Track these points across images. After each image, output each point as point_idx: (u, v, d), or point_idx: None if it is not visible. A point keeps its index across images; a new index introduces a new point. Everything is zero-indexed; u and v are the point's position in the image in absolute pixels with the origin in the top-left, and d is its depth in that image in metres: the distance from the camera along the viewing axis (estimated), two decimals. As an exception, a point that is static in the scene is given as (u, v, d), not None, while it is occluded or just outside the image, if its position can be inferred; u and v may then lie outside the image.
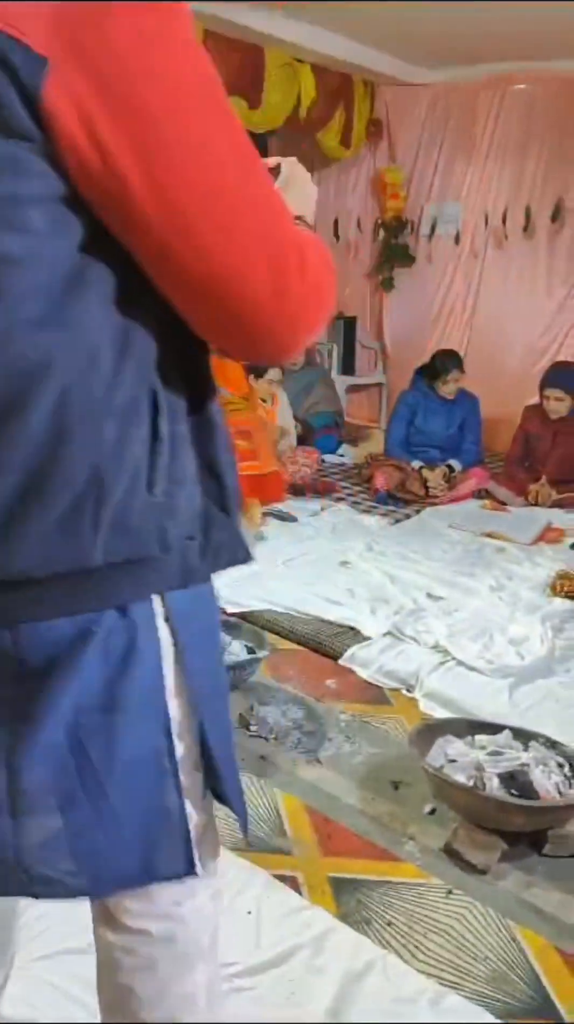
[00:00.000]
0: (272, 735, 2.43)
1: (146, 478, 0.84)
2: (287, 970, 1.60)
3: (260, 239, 0.77)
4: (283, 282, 0.78)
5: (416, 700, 2.70)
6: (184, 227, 0.73)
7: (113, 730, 0.87)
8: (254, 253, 0.76)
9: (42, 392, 0.76)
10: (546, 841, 2.00)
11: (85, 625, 0.84)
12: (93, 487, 0.80)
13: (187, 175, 0.72)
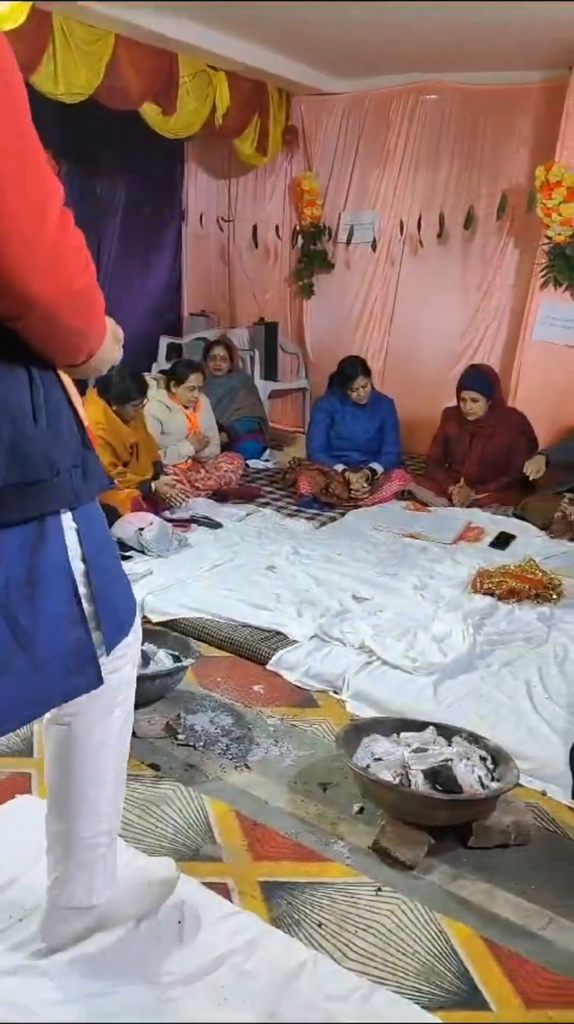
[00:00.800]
0: (200, 743, 2.42)
1: (31, 414, 1.16)
2: (219, 976, 1.60)
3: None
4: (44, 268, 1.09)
5: (343, 701, 2.73)
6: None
7: (36, 599, 1.24)
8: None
9: None
10: (471, 834, 2.04)
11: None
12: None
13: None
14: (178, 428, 4.81)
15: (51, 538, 1.25)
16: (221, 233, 6.97)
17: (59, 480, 1.22)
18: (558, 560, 4.06)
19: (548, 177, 4.85)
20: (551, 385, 5.18)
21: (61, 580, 1.28)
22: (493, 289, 5.74)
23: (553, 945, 1.78)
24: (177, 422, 4.81)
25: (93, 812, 1.53)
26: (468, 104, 5.67)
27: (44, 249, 1.07)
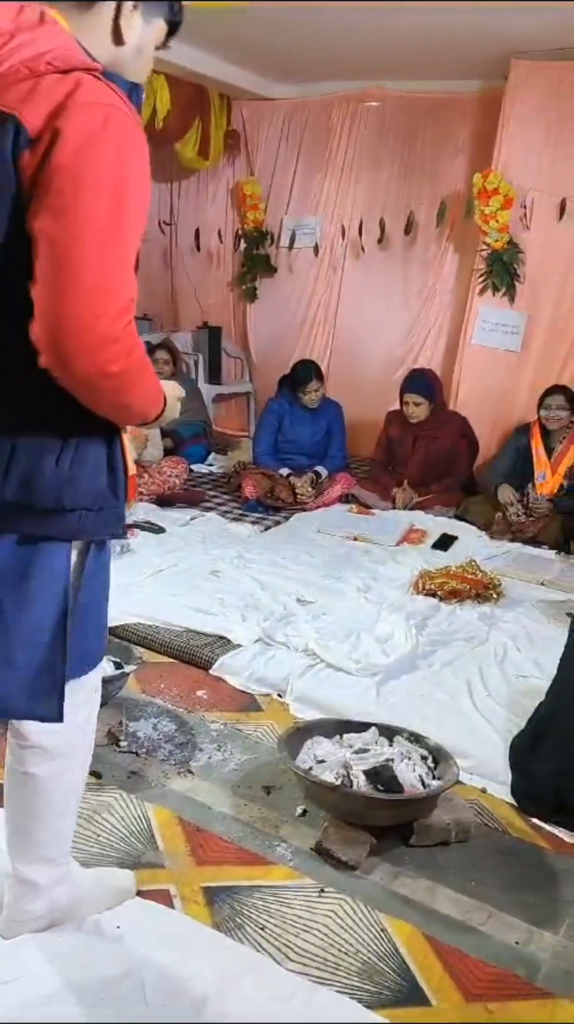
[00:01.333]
0: (143, 750, 2.41)
1: (56, 457, 1.31)
2: (159, 982, 1.58)
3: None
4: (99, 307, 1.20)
5: (287, 704, 2.74)
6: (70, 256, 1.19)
7: (24, 604, 1.36)
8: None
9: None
10: (413, 832, 2.07)
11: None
12: (5, 453, 1.29)
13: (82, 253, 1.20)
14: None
15: (51, 558, 1.38)
16: (163, 236, 6.95)
17: (66, 516, 1.36)
18: (498, 560, 4.14)
19: (485, 184, 4.94)
20: (490, 389, 5.27)
21: (52, 598, 1.39)
22: (433, 294, 5.82)
23: (492, 939, 1.81)
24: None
25: (56, 840, 1.64)
26: (408, 111, 5.75)
27: (97, 330, 1.19)
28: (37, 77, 1.19)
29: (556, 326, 5.05)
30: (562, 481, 4.67)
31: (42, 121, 1.17)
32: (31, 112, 1.17)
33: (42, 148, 1.17)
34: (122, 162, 1.21)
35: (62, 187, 1.16)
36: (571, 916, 1.90)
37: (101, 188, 1.18)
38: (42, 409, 1.30)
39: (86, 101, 1.18)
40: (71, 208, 1.17)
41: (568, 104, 4.83)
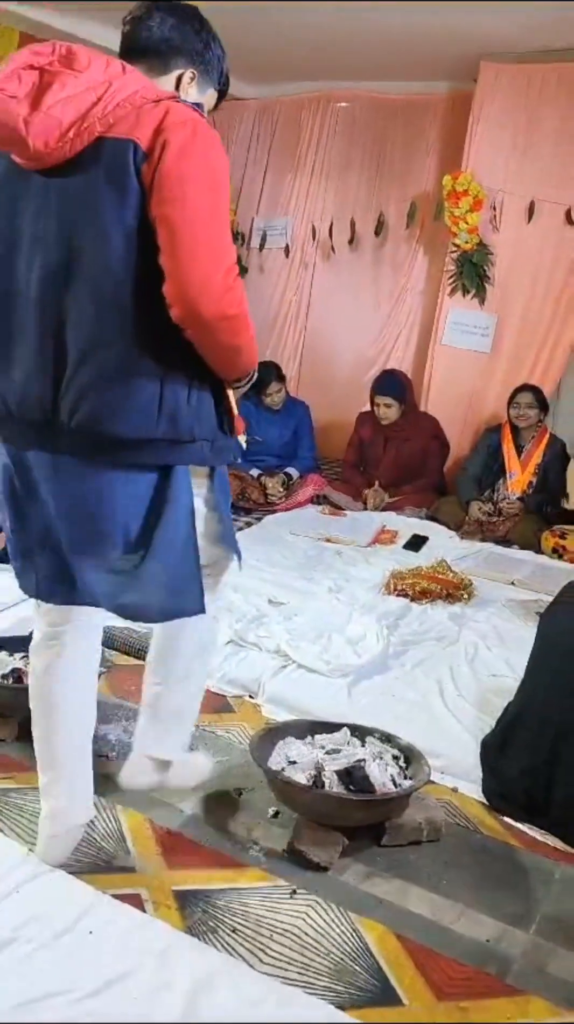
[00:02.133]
0: (114, 753, 2.38)
1: (185, 393, 1.66)
2: (131, 987, 1.57)
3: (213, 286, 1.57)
4: (219, 290, 1.57)
5: (259, 706, 2.73)
6: (189, 266, 1.56)
7: (164, 527, 1.71)
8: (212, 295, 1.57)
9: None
10: (384, 832, 2.07)
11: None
12: (165, 404, 1.64)
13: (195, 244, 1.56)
14: None
15: (181, 483, 1.73)
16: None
17: (195, 445, 1.72)
18: (469, 561, 4.17)
19: (455, 186, 4.97)
20: (461, 389, 5.31)
21: (185, 517, 1.75)
22: (404, 295, 5.85)
23: (464, 938, 1.82)
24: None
25: (184, 687, 2.05)
26: (378, 112, 5.77)
27: (216, 282, 1.56)
28: (137, 108, 1.58)
29: (525, 327, 5.09)
30: (531, 479, 4.71)
31: (150, 139, 1.56)
32: (141, 135, 1.56)
33: (155, 159, 1.55)
34: (211, 159, 1.61)
35: (173, 184, 1.55)
36: (542, 914, 1.91)
37: (201, 181, 1.57)
38: (176, 359, 1.65)
39: (178, 120, 1.58)
40: (181, 199, 1.55)
41: (536, 106, 4.87)
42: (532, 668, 2.32)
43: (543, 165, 4.90)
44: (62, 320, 1.62)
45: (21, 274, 1.65)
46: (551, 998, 1.66)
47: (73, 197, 1.59)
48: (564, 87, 4.78)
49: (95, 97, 1.56)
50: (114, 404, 1.62)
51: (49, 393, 1.64)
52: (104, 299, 1.60)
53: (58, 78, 1.57)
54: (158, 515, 1.71)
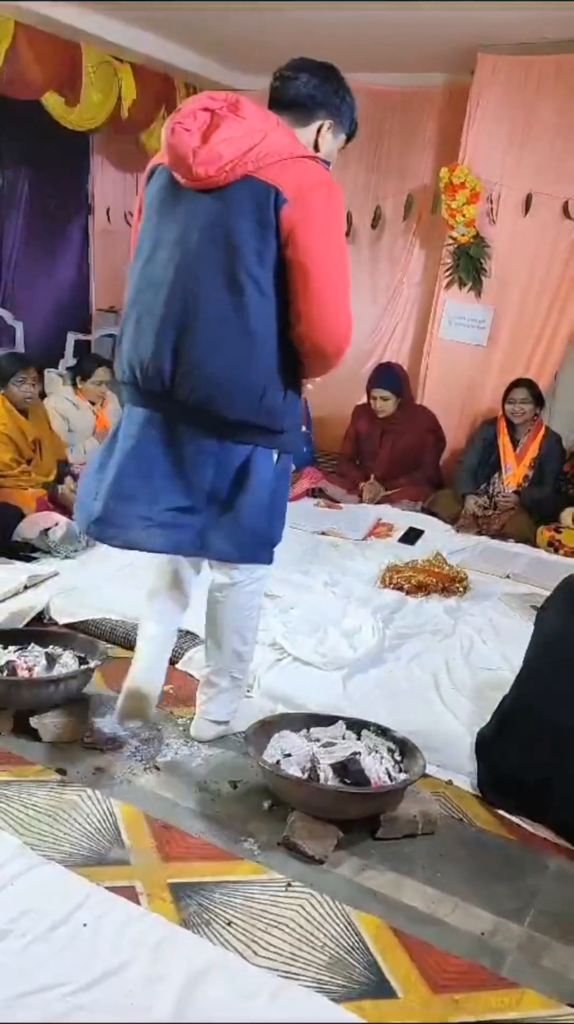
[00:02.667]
0: (108, 746, 2.38)
1: (282, 393, 2.07)
2: (126, 980, 1.57)
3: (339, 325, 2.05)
4: (338, 328, 2.05)
5: (254, 699, 2.73)
6: (320, 306, 2.01)
7: (246, 492, 2.11)
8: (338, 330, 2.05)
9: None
10: (379, 825, 2.07)
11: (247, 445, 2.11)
12: (265, 399, 2.03)
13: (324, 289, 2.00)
14: (85, 426, 4.71)
15: (266, 461, 2.14)
16: (129, 228, 6.85)
17: (283, 434, 2.14)
18: (465, 554, 4.17)
19: (451, 179, 4.95)
20: (458, 383, 5.30)
21: (264, 487, 2.14)
22: (401, 288, 5.83)
23: (459, 931, 1.82)
24: (85, 420, 4.71)
25: (234, 658, 2.37)
26: (375, 104, 5.73)
27: (340, 327, 2.05)
28: (283, 160, 1.95)
29: (522, 320, 5.08)
30: (526, 472, 4.71)
31: (291, 189, 1.93)
32: (285, 183, 1.93)
33: (294, 209, 1.93)
34: (337, 216, 2.05)
35: (308, 238, 1.95)
36: (536, 907, 1.91)
37: (329, 234, 2.00)
38: (279, 365, 2.06)
39: (315, 179, 1.98)
40: (313, 248, 1.96)
41: (534, 98, 4.85)
42: (529, 662, 2.32)
43: (540, 158, 4.88)
44: (189, 314, 1.99)
45: (160, 268, 2.03)
46: (545, 991, 1.67)
47: (217, 217, 1.97)
48: (562, 79, 4.76)
49: (252, 143, 1.93)
50: (227, 392, 2.01)
51: (170, 372, 2.02)
52: (228, 306, 1.97)
53: (225, 121, 1.96)
54: (242, 483, 2.11)
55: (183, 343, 1.99)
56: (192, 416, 2.04)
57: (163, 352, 2.01)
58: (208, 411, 2.02)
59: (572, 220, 4.82)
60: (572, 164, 4.80)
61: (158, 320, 2.01)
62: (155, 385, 2.04)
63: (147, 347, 2.03)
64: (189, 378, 2.00)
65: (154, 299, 2.03)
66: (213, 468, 2.09)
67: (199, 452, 2.08)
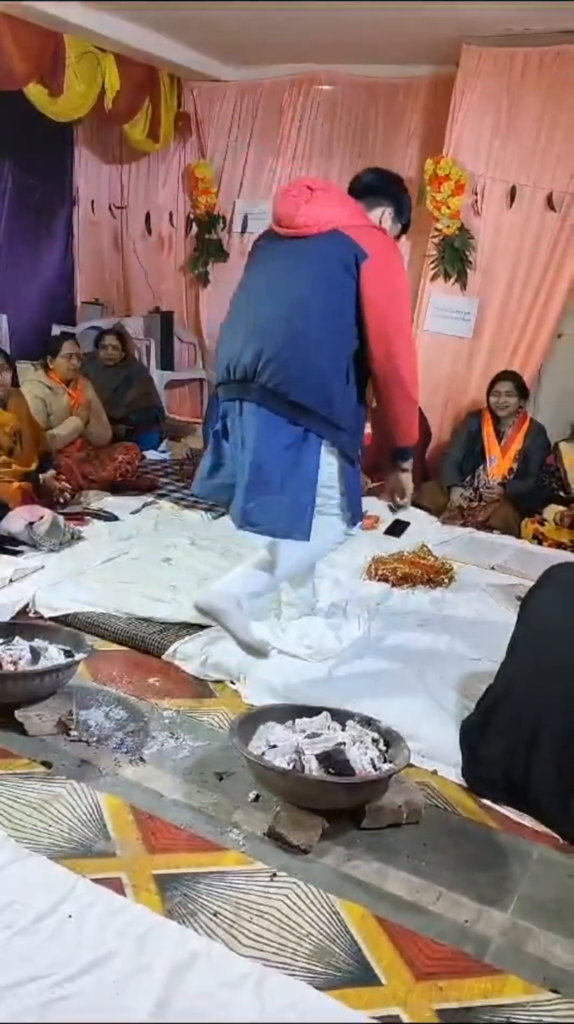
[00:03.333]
0: (94, 738, 2.38)
1: (341, 392, 2.55)
2: (110, 971, 1.58)
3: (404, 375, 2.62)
4: (409, 373, 2.63)
5: (240, 691, 2.73)
6: (387, 348, 2.56)
7: (298, 469, 2.54)
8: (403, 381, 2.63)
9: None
10: (364, 815, 2.08)
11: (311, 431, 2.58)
12: (325, 381, 2.51)
13: (391, 332, 2.57)
14: (62, 407, 4.68)
15: (316, 449, 2.57)
16: (114, 220, 6.85)
17: (339, 432, 2.58)
18: (450, 546, 4.18)
19: (437, 170, 4.95)
20: (442, 375, 5.30)
21: (312, 470, 2.57)
22: (386, 280, 5.82)
23: (442, 918, 1.84)
24: (60, 401, 4.68)
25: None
26: (360, 96, 5.73)
27: (404, 353, 2.59)
28: (360, 226, 2.55)
29: (507, 312, 5.09)
30: (511, 465, 4.72)
31: (370, 248, 2.49)
32: (363, 242, 2.50)
33: (370, 262, 2.48)
34: (400, 274, 2.63)
35: (377, 287, 2.50)
36: (519, 894, 1.93)
37: (395, 287, 2.59)
38: (351, 384, 2.59)
39: (384, 244, 2.58)
40: (384, 300, 2.52)
41: (518, 90, 4.85)
42: (512, 652, 2.33)
43: (525, 150, 4.88)
44: (278, 321, 2.50)
45: (263, 292, 2.59)
46: (527, 976, 1.69)
47: (309, 255, 2.52)
48: (547, 71, 4.76)
49: (339, 209, 2.58)
50: (300, 381, 2.49)
51: (253, 364, 2.52)
52: (312, 318, 2.50)
53: (319, 193, 2.59)
54: (295, 463, 2.53)
55: (269, 342, 2.49)
56: (270, 398, 2.52)
57: (251, 348, 2.52)
58: (285, 395, 2.50)
59: (556, 212, 4.83)
60: (556, 156, 4.80)
61: (252, 326, 2.54)
62: (241, 375, 2.55)
63: (245, 349, 2.54)
64: (270, 367, 2.49)
65: (250, 313, 2.59)
66: (275, 443, 2.54)
67: (269, 427, 2.53)
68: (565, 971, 1.71)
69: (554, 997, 1.64)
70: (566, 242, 4.85)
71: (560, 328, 5.06)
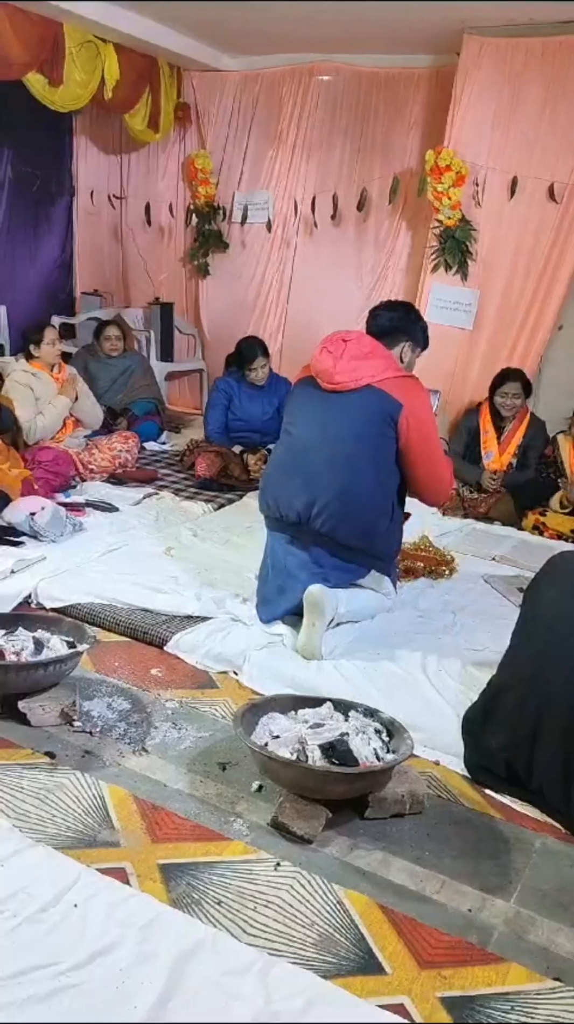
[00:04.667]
0: (97, 729, 2.39)
1: (385, 530, 2.98)
2: (115, 959, 1.58)
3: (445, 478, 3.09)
4: (447, 488, 3.17)
5: (242, 681, 2.74)
6: (428, 469, 2.99)
7: (359, 592, 3.07)
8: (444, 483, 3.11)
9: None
10: (367, 805, 2.09)
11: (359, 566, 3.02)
12: (371, 527, 2.93)
13: (430, 459, 2.98)
14: (48, 390, 4.65)
15: (371, 576, 3.03)
16: (113, 210, 6.83)
17: (382, 562, 3.04)
18: (451, 537, 4.18)
19: (438, 161, 4.93)
20: (443, 367, 5.28)
21: (369, 594, 3.09)
22: (386, 271, 5.82)
23: (446, 908, 1.84)
24: (47, 386, 4.65)
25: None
26: (360, 86, 5.71)
27: (444, 489, 3.12)
28: (391, 378, 2.88)
29: (507, 303, 5.08)
30: (511, 460, 4.72)
31: (404, 400, 2.84)
32: (397, 394, 2.85)
33: (406, 414, 2.84)
34: (429, 409, 2.99)
35: (416, 431, 2.87)
36: (522, 883, 1.94)
37: (429, 432, 2.95)
38: (395, 520, 3.05)
39: (414, 391, 2.91)
40: (420, 444, 2.90)
41: (519, 81, 4.83)
42: (515, 642, 2.34)
43: (526, 141, 4.86)
44: (326, 474, 2.86)
45: (313, 443, 2.92)
46: (530, 965, 1.69)
47: (351, 411, 2.87)
48: (548, 61, 4.74)
49: (369, 364, 2.88)
50: (349, 529, 2.89)
51: (306, 510, 2.90)
52: (358, 472, 2.85)
53: (349, 345, 2.92)
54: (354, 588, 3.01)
55: (321, 493, 2.86)
56: (326, 542, 2.90)
57: (303, 497, 2.88)
58: (336, 539, 2.89)
59: (557, 203, 4.82)
60: (557, 147, 4.79)
61: (304, 475, 2.89)
62: (293, 518, 2.93)
63: (295, 493, 2.90)
64: (322, 516, 2.87)
65: (300, 461, 2.92)
66: (334, 578, 2.94)
67: (327, 565, 2.93)
68: (568, 960, 1.72)
69: (557, 986, 1.65)
70: (567, 233, 4.84)
71: (561, 320, 5.05)
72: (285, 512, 2.93)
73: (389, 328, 3.06)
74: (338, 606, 2.90)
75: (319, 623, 2.82)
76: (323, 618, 2.83)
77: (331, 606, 2.86)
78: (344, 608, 2.95)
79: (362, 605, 3.05)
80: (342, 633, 2.97)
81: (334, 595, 2.89)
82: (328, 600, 2.84)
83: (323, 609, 2.82)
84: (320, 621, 2.82)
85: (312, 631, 2.81)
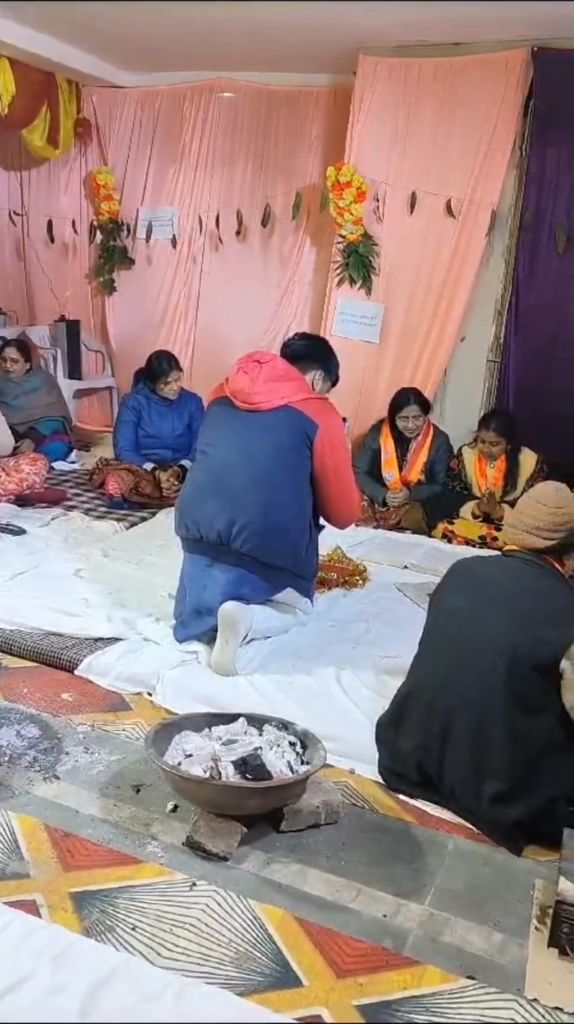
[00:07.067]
0: (5, 758, 2.32)
1: (305, 548, 3.04)
2: (27, 994, 1.54)
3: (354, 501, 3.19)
4: (355, 513, 3.24)
5: (156, 702, 2.71)
6: (339, 491, 3.06)
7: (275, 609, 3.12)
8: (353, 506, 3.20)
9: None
10: (283, 818, 2.09)
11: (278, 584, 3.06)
12: (292, 545, 2.98)
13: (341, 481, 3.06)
14: None
15: (290, 594, 3.10)
16: (14, 227, 6.71)
17: (302, 580, 3.09)
18: (363, 547, 4.24)
19: (338, 177, 5.02)
20: (351, 380, 5.33)
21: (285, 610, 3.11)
22: (292, 286, 5.88)
23: (361, 915, 1.86)
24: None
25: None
26: (260, 103, 5.77)
27: (353, 510, 3.18)
28: (305, 399, 2.96)
29: (411, 317, 5.19)
30: (419, 477, 4.80)
31: (319, 421, 2.92)
32: (314, 416, 2.92)
33: (320, 434, 2.91)
34: (341, 431, 3.05)
35: (329, 449, 2.95)
36: (435, 885, 1.97)
37: (343, 455, 3.05)
38: (313, 539, 3.10)
39: (329, 413, 2.99)
40: (334, 465, 2.98)
41: (414, 100, 4.96)
42: (422, 647, 2.38)
43: (422, 158, 5.00)
44: (252, 499, 2.87)
45: (231, 462, 2.93)
46: (444, 965, 1.72)
47: (269, 430, 2.91)
48: (440, 81, 4.88)
49: (285, 386, 2.96)
50: (272, 547, 2.90)
51: (227, 530, 2.88)
52: (279, 489, 2.89)
53: (265, 367, 2.97)
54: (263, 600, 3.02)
55: (241, 511, 2.86)
56: (248, 562, 2.89)
57: (224, 516, 2.87)
58: (257, 558, 2.89)
59: (455, 218, 4.96)
60: (453, 164, 4.93)
61: (223, 496, 2.88)
62: (214, 538, 2.90)
63: (213, 511, 2.89)
64: (242, 535, 2.86)
65: (220, 481, 2.92)
66: (257, 596, 2.98)
67: (249, 584, 2.93)
68: (480, 957, 1.76)
69: (470, 983, 1.68)
70: (466, 247, 4.98)
71: (463, 332, 5.18)
72: (205, 533, 2.92)
73: (303, 354, 3.17)
74: (252, 623, 2.90)
75: (233, 640, 2.81)
76: (237, 635, 2.82)
77: (245, 623, 2.86)
78: (259, 625, 2.95)
79: (278, 622, 3.07)
80: (256, 647, 2.98)
81: (249, 611, 2.89)
82: (242, 617, 2.84)
83: (237, 626, 2.82)
84: (234, 638, 2.81)
85: (226, 648, 2.81)
